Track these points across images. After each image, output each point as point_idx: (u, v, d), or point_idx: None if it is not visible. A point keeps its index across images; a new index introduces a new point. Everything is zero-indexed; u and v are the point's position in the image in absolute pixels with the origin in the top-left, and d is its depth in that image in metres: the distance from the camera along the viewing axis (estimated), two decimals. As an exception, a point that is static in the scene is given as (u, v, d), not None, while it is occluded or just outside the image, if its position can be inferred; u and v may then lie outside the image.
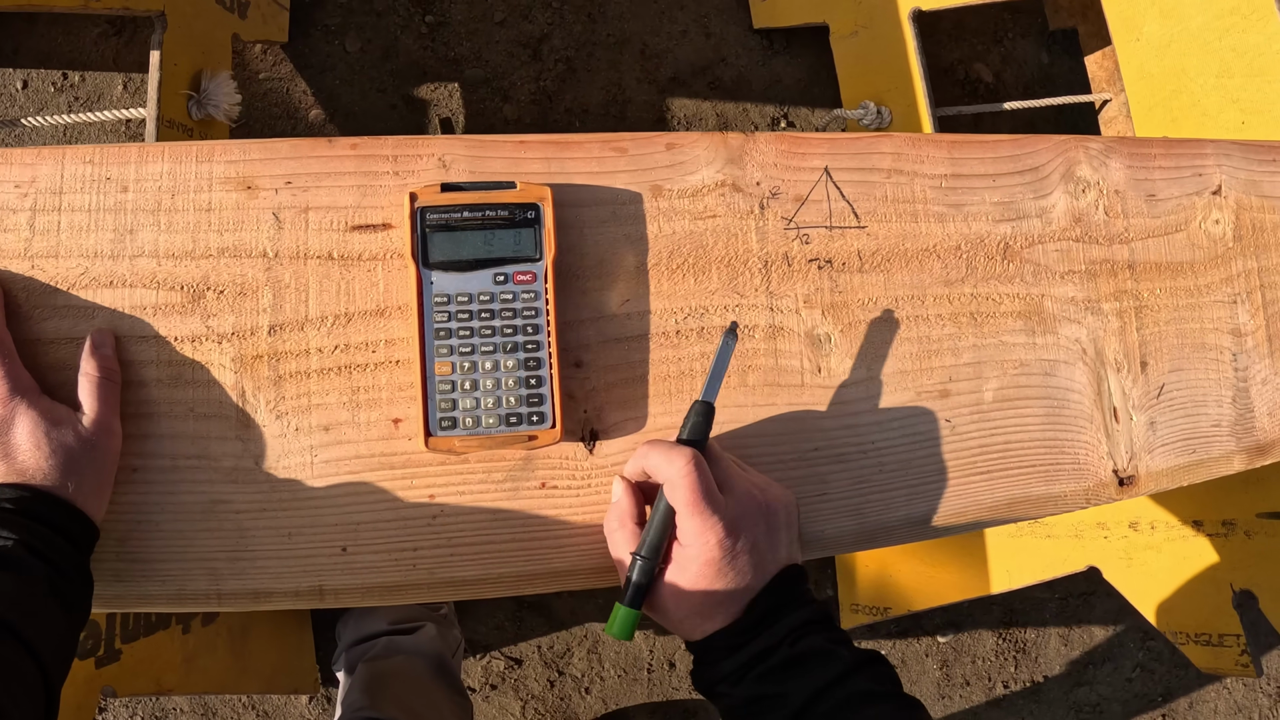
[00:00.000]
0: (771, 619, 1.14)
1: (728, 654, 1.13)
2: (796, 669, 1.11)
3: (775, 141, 1.34)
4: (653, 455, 1.14)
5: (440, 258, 1.18)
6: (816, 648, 1.13)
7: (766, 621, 1.14)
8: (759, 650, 1.12)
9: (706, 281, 1.29)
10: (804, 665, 1.11)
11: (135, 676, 1.95)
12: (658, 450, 1.14)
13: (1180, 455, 1.45)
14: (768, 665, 1.11)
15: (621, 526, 1.17)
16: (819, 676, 1.10)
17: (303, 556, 1.17)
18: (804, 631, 1.13)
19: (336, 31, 2.90)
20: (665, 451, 1.13)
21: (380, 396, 1.20)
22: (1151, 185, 1.48)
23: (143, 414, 1.16)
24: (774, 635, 1.12)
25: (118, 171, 1.18)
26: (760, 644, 1.12)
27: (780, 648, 1.12)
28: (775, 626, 1.13)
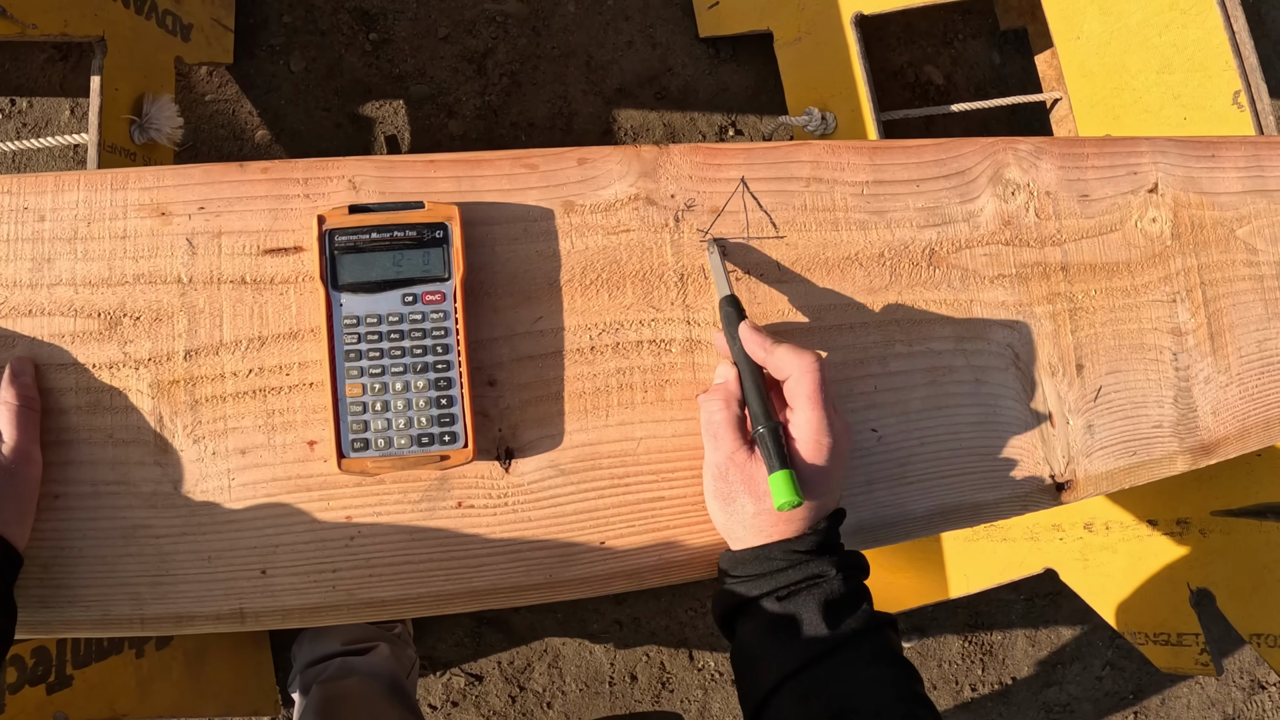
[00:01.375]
0: (831, 546, 1.18)
1: (784, 567, 1.15)
2: (841, 606, 1.14)
3: (690, 153, 1.34)
4: (782, 351, 1.18)
5: (349, 279, 1.17)
6: (862, 593, 1.18)
7: (828, 548, 1.17)
8: (816, 572, 1.14)
9: (621, 297, 1.29)
10: (847, 605, 1.15)
11: (88, 702, 1.94)
12: (785, 347, 1.18)
13: (1120, 458, 1.45)
14: (819, 593, 1.14)
15: (728, 406, 1.20)
16: (856, 621, 1.14)
17: (223, 580, 1.17)
18: (855, 572, 1.18)
19: (281, 51, 2.90)
20: (794, 350, 1.17)
21: (295, 419, 1.20)
22: (1084, 185, 1.48)
23: (63, 441, 1.16)
24: (831, 563, 1.15)
25: (35, 201, 1.19)
26: (818, 566, 1.15)
27: (835, 579, 1.14)
28: (833, 555, 1.17)
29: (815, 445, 1.15)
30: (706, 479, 1.22)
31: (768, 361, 1.19)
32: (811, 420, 1.15)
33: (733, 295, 1.25)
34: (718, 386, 1.22)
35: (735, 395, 1.20)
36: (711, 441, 1.20)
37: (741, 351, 1.22)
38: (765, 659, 1.14)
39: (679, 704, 3.08)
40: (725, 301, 1.25)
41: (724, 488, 1.19)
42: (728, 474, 1.18)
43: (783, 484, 1.12)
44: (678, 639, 3.08)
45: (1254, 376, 1.54)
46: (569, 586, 1.25)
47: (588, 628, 3.04)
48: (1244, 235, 1.56)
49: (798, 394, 1.16)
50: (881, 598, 2.73)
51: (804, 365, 1.16)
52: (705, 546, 1.29)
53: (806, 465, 1.15)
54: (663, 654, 3.08)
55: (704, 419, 1.22)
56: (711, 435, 1.20)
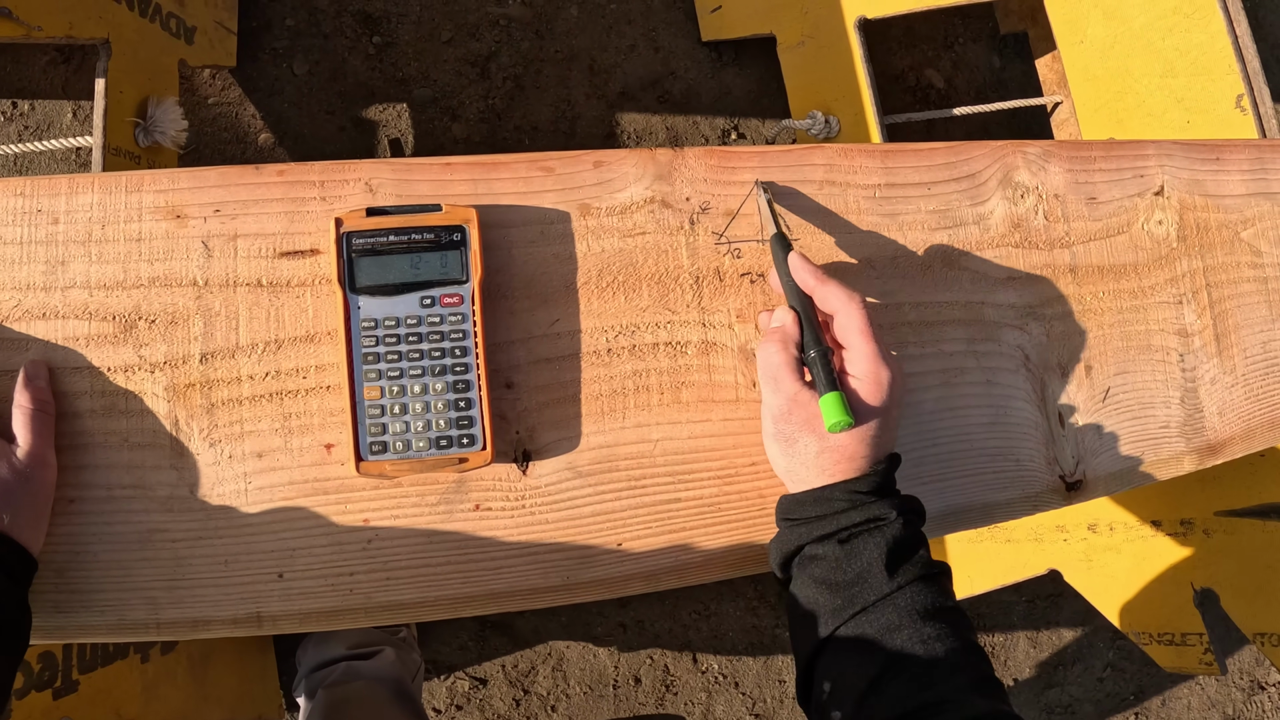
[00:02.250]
0: (890, 488, 1.19)
1: (845, 507, 1.15)
2: (901, 550, 1.14)
3: (704, 156, 1.34)
4: (832, 287, 1.19)
5: (367, 282, 1.17)
6: (920, 539, 1.18)
7: (887, 490, 1.18)
8: (878, 514, 1.14)
9: (637, 299, 1.29)
10: (907, 549, 1.14)
11: (94, 707, 1.93)
12: (835, 283, 1.19)
13: (1128, 458, 1.45)
14: (879, 536, 1.13)
15: (786, 349, 1.19)
16: (915, 567, 1.14)
17: (240, 584, 1.17)
18: (913, 517, 1.18)
19: (284, 54, 2.90)
20: (843, 287, 1.19)
21: (312, 422, 1.20)
22: (1092, 188, 1.49)
23: (78, 445, 1.16)
24: (891, 505, 1.15)
25: (49, 203, 1.18)
26: (880, 509, 1.14)
27: (895, 523, 1.14)
28: (892, 498, 1.17)
29: (873, 379, 1.16)
30: (766, 423, 1.22)
31: (816, 292, 1.20)
32: (866, 353, 1.16)
33: (780, 233, 1.26)
34: (774, 330, 1.22)
35: (793, 337, 1.20)
36: (771, 384, 1.20)
37: (792, 284, 1.23)
38: (824, 603, 1.14)
39: (683, 707, 3.08)
40: (774, 239, 1.26)
41: (785, 429, 1.19)
42: (790, 414, 1.18)
43: (834, 404, 1.13)
44: (682, 642, 3.08)
45: (1259, 377, 1.54)
46: (586, 589, 1.25)
47: (592, 631, 3.04)
48: (1248, 237, 1.56)
49: (849, 329, 1.17)
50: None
51: (852, 302, 1.17)
52: (722, 548, 1.29)
53: (863, 400, 1.16)
54: (666, 657, 3.08)
55: (761, 361, 1.21)
56: (771, 378, 1.20)
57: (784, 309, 1.23)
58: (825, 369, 1.16)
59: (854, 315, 1.16)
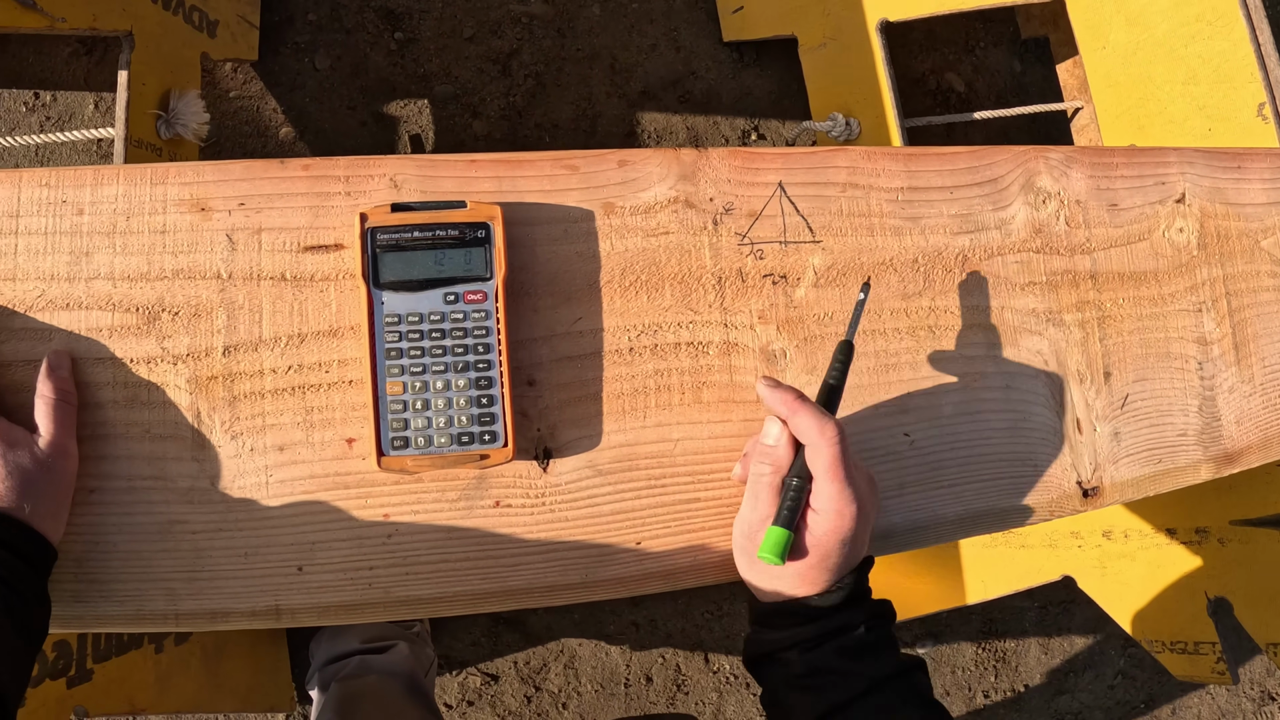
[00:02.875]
0: (857, 599, 1.19)
1: (809, 620, 1.17)
2: (868, 653, 1.15)
3: (728, 157, 1.34)
4: (803, 417, 1.16)
5: (391, 278, 1.18)
6: (887, 639, 1.19)
7: (853, 600, 1.18)
8: (840, 625, 1.16)
9: (660, 298, 1.30)
10: (874, 652, 1.16)
11: (107, 696, 1.94)
12: (807, 412, 1.16)
13: (1146, 465, 1.45)
14: (845, 641, 1.15)
15: (776, 473, 1.18)
16: (885, 666, 1.15)
17: (259, 576, 1.17)
18: (880, 621, 1.19)
19: (306, 49, 2.90)
20: (816, 417, 1.15)
21: (334, 416, 1.20)
22: (1114, 195, 1.48)
23: (99, 435, 1.16)
24: (857, 615, 1.17)
25: (73, 194, 1.18)
26: (842, 619, 1.16)
27: (858, 629, 1.16)
28: (860, 607, 1.18)
29: (836, 517, 1.14)
30: (737, 534, 1.22)
31: (790, 421, 1.18)
32: (831, 493, 1.14)
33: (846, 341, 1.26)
34: (770, 450, 1.19)
35: (786, 462, 1.18)
36: (751, 501, 1.19)
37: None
38: (794, 706, 1.16)
39: (694, 706, 3.08)
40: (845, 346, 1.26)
41: (751, 547, 1.19)
42: (757, 536, 1.17)
43: (774, 541, 1.13)
44: (694, 641, 3.08)
45: (1277, 387, 1.54)
46: (604, 587, 1.26)
47: (604, 629, 3.04)
48: (1269, 246, 1.56)
49: (816, 463, 1.14)
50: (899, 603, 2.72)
51: (824, 438, 1.14)
52: (740, 549, 1.28)
53: (824, 533, 1.15)
54: (678, 656, 3.08)
55: (752, 475, 1.20)
56: (753, 495, 1.19)
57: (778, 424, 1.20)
58: (792, 504, 1.16)
59: (823, 451, 1.13)
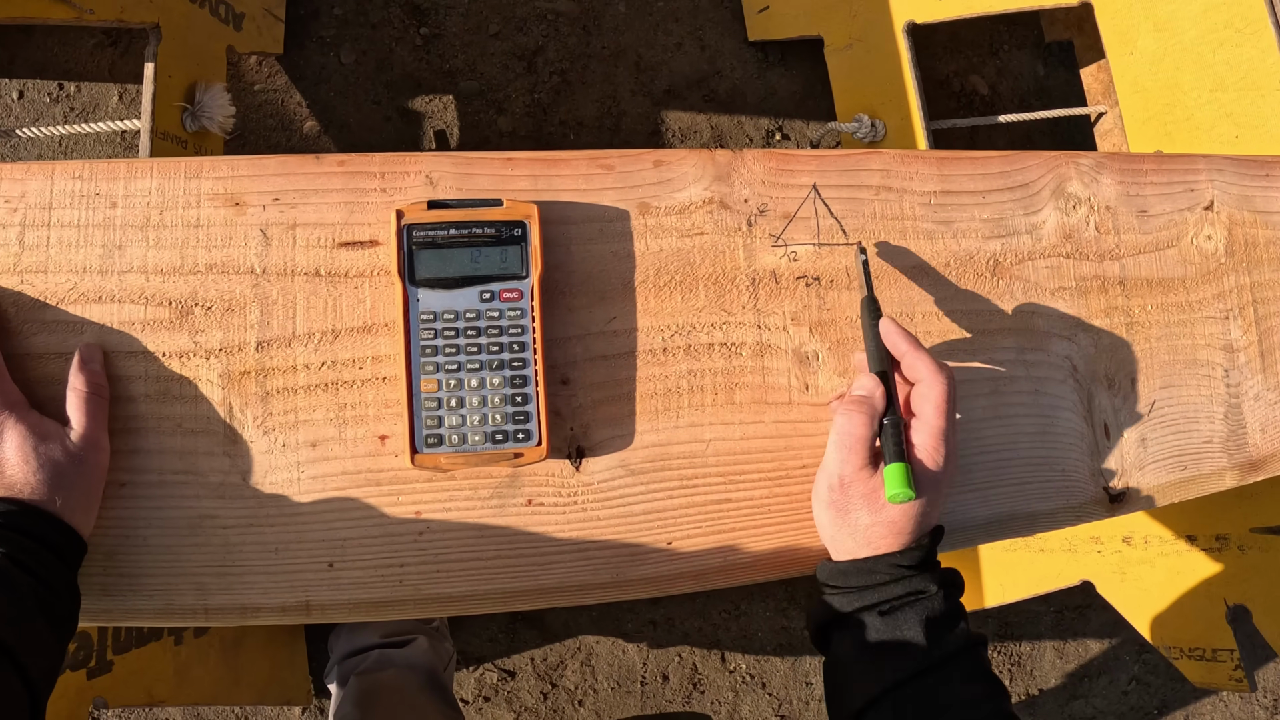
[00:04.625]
0: (932, 562, 1.21)
1: (889, 581, 1.17)
2: (941, 624, 1.15)
3: (763, 158, 1.34)
4: (921, 356, 1.19)
5: (427, 275, 1.18)
6: (960, 611, 1.19)
7: (929, 564, 1.20)
8: (919, 588, 1.16)
9: (694, 299, 1.29)
10: (947, 622, 1.15)
11: (127, 687, 1.94)
12: (927, 357, 1.19)
13: (1171, 472, 1.45)
14: (920, 610, 1.14)
15: (871, 422, 1.19)
16: (955, 640, 1.14)
17: (290, 572, 1.17)
18: (953, 590, 1.20)
19: (331, 43, 2.90)
20: (931, 359, 1.19)
21: (367, 413, 1.20)
22: (1143, 201, 1.48)
23: (131, 429, 1.16)
24: (933, 579, 1.17)
25: (107, 187, 1.19)
26: (921, 582, 1.17)
27: (936, 596, 1.16)
28: (934, 572, 1.19)
29: (933, 452, 1.17)
30: (821, 486, 1.23)
31: (906, 358, 1.20)
32: (934, 428, 1.17)
33: (872, 296, 1.26)
34: (862, 400, 1.21)
35: (879, 411, 1.20)
36: (842, 453, 1.20)
37: (878, 349, 1.23)
38: (862, 673, 1.15)
39: (709, 705, 3.08)
40: (865, 303, 1.26)
41: (841, 499, 1.20)
42: (852, 486, 1.19)
43: (900, 476, 1.14)
44: (711, 640, 3.08)
45: (1303, 395, 1.53)
46: (635, 586, 1.26)
47: (621, 627, 3.04)
48: (1297, 254, 1.56)
49: (926, 400, 1.17)
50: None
51: (938, 376, 1.17)
52: (770, 550, 1.29)
53: (921, 470, 1.17)
54: (695, 655, 3.08)
55: (842, 428, 1.20)
56: (846, 447, 1.20)
57: (870, 377, 1.23)
58: (897, 439, 1.17)
59: (937, 389, 1.17)
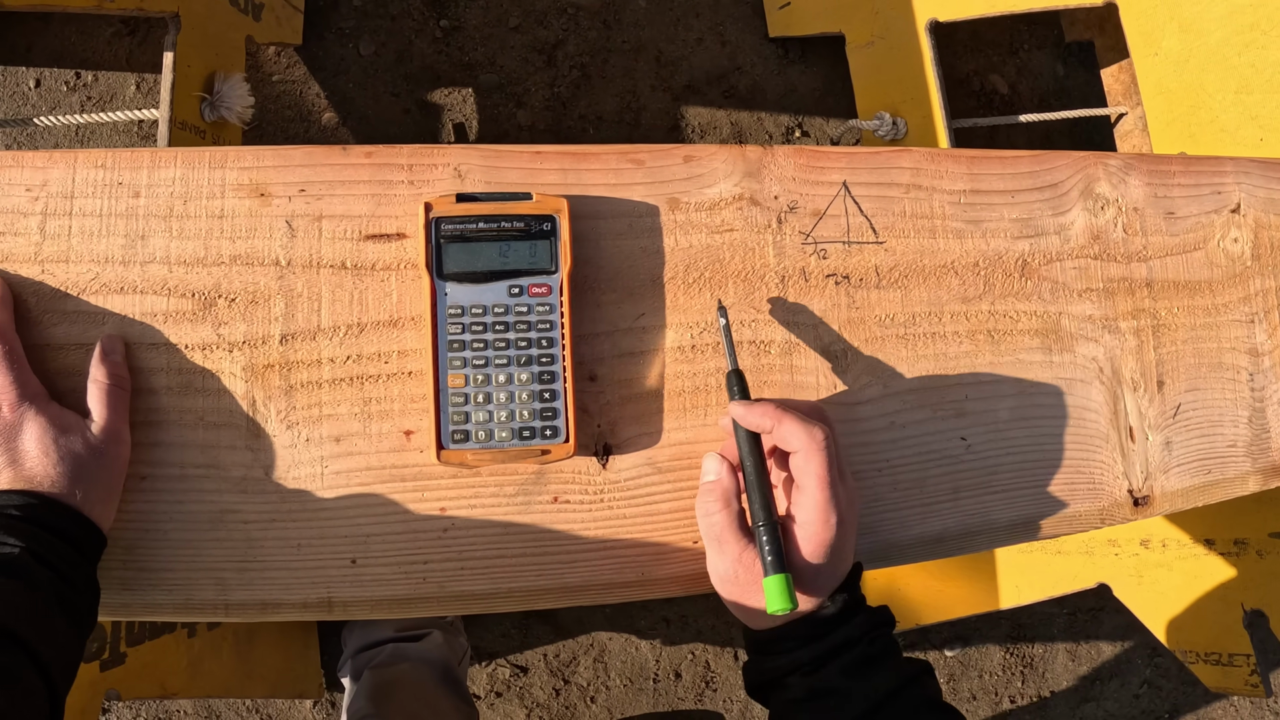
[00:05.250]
0: (851, 612, 1.14)
1: (805, 643, 1.12)
2: (871, 667, 1.11)
3: (794, 155, 1.33)
4: (789, 423, 1.11)
5: (455, 269, 1.17)
6: (890, 650, 1.14)
7: (847, 614, 1.14)
8: (840, 642, 1.11)
9: (723, 296, 1.29)
10: (877, 665, 1.11)
11: (140, 680, 1.94)
12: (793, 419, 1.12)
13: (1196, 475, 1.44)
14: (845, 660, 1.11)
15: (727, 506, 1.14)
16: (889, 679, 1.10)
17: (312, 568, 1.16)
18: (880, 630, 1.15)
19: (350, 34, 2.90)
20: (803, 422, 1.11)
21: (392, 408, 1.19)
22: (1170, 203, 1.48)
23: (152, 422, 1.15)
24: (856, 629, 1.13)
25: (130, 176, 1.18)
26: (841, 636, 1.12)
27: (860, 643, 1.12)
28: (856, 619, 1.14)
29: (823, 526, 1.11)
30: (715, 581, 1.18)
31: (775, 433, 1.14)
32: (819, 502, 1.10)
33: (737, 369, 1.20)
34: (712, 485, 1.17)
35: (732, 491, 1.16)
36: (715, 546, 1.16)
37: (746, 436, 1.16)
38: None
39: (721, 704, 3.08)
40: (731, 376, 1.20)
41: (736, 589, 1.15)
42: (737, 577, 1.14)
43: (777, 589, 1.08)
44: (724, 638, 3.08)
45: (1327, 400, 1.53)
46: (660, 585, 1.25)
47: (635, 624, 3.04)
48: (1323, 259, 1.55)
49: (806, 472, 1.11)
50: (933, 606, 2.70)
51: (813, 444, 1.11)
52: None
53: (814, 547, 1.11)
54: (708, 653, 3.08)
55: (702, 523, 1.17)
56: (714, 540, 1.16)
57: (716, 459, 1.19)
58: (774, 546, 1.10)
59: (811, 460, 1.10)
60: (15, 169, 1.16)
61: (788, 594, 1.07)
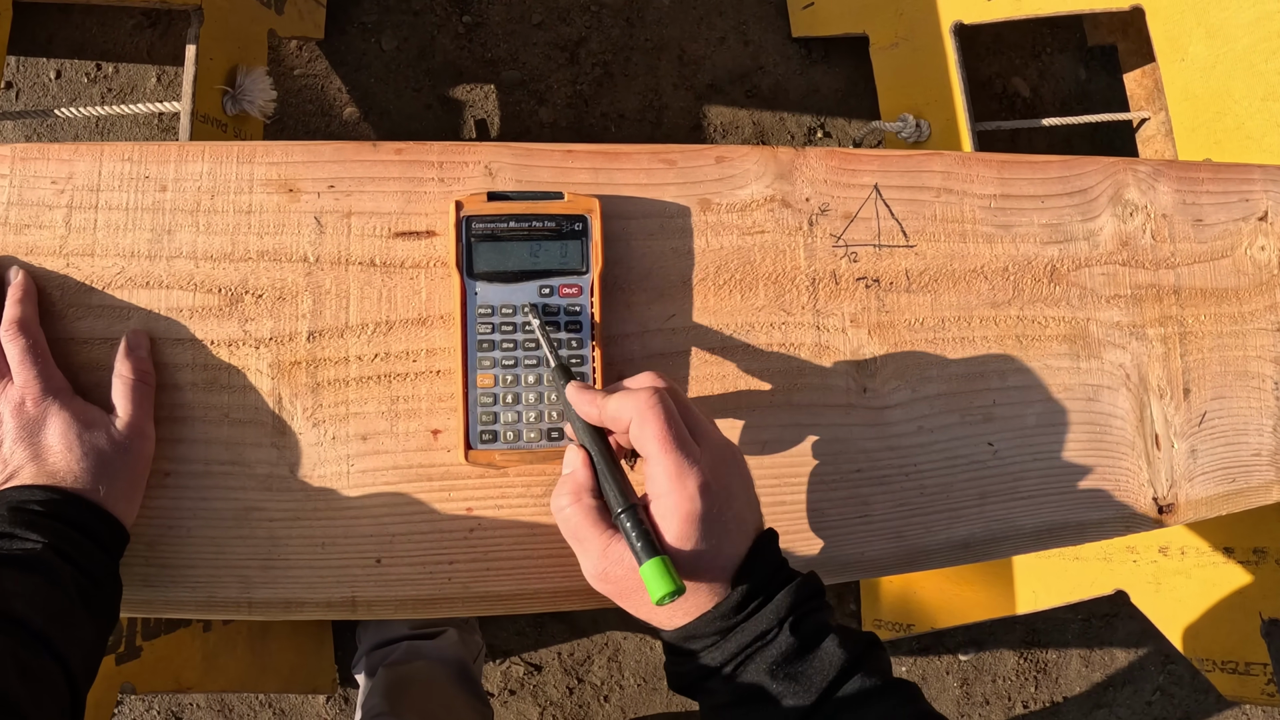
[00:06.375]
0: (762, 593, 1.01)
1: (716, 639, 1.01)
2: (801, 660, 0.98)
3: (825, 158, 1.33)
4: (613, 399, 1.03)
5: (485, 268, 1.16)
6: (820, 631, 1.01)
7: (756, 597, 1.01)
8: (755, 635, 0.99)
9: (753, 298, 1.28)
10: (809, 655, 0.99)
11: (155, 674, 1.94)
12: (618, 393, 1.03)
13: (1220, 484, 1.44)
14: (766, 656, 0.98)
15: (578, 500, 1.04)
16: (826, 669, 0.98)
17: (336, 567, 1.16)
18: (804, 610, 1.01)
19: (373, 29, 2.90)
20: (626, 395, 1.02)
21: (420, 407, 1.19)
22: (1199, 210, 1.47)
23: (177, 418, 1.15)
24: (771, 616, 0.99)
25: (157, 170, 1.17)
26: (755, 627, 0.99)
27: (777, 633, 0.99)
28: (770, 604, 1.00)
29: (681, 495, 0.99)
30: (592, 584, 1.07)
31: (604, 418, 1.04)
32: (667, 468, 0.99)
33: (561, 364, 1.12)
34: (564, 479, 1.07)
35: (584, 484, 1.05)
36: (577, 544, 1.05)
37: (582, 424, 1.07)
38: None
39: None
40: (555, 370, 1.12)
41: (615, 589, 1.05)
42: (608, 573, 1.03)
43: (655, 574, 0.96)
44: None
45: (1352, 410, 1.52)
46: (685, 587, 1.23)
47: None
48: (1350, 267, 1.55)
49: (644, 440, 1.00)
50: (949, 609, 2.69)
51: (640, 405, 1.00)
52: (821, 555, 1.28)
53: (679, 522, 0.99)
54: (722, 654, 3.07)
55: (559, 522, 1.07)
56: (575, 540, 1.05)
57: (572, 450, 1.08)
58: (637, 530, 0.99)
59: (646, 423, 1.00)
60: (41, 161, 1.16)
61: (668, 576, 0.96)
